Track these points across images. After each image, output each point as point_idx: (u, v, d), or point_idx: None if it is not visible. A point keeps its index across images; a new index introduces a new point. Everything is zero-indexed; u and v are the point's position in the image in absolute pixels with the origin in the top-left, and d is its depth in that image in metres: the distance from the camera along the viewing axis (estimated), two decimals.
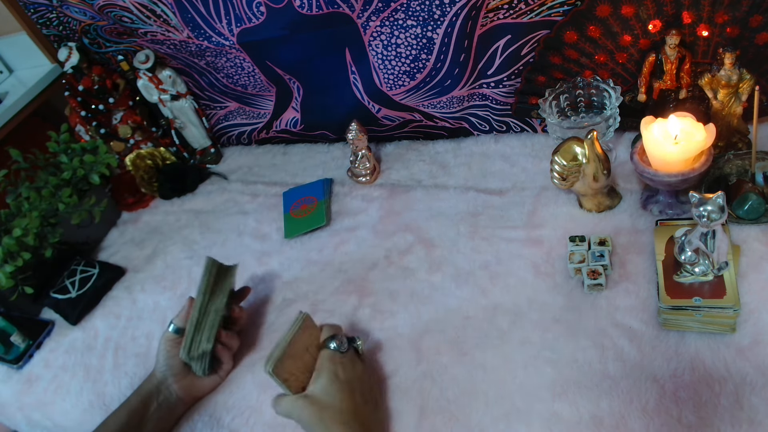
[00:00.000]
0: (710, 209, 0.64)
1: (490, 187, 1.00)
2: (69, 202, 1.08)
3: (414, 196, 1.03)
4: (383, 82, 1.04)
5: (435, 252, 0.92)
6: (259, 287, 0.98)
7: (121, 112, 1.25)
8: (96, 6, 1.09)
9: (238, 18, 1.01)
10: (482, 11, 0.89)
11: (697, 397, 0.64)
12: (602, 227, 0.85)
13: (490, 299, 0.82)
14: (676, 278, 0.70)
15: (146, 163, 1.25)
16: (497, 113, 1.06)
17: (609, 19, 0.85)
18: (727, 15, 0.79)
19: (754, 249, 0.75)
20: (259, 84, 1.16)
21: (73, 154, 1.14)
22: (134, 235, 1.20)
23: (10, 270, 0.99)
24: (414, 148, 1.15)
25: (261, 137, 1.31)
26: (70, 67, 1.20)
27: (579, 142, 0.80)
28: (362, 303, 0.88)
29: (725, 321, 0.67)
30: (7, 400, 0.98)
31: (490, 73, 0.99)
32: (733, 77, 0.79)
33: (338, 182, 1.13)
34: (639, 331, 0.72)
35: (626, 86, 0.93)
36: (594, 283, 0.76)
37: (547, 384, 0.70)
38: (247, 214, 1.14)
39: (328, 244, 1.01)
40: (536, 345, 0.75)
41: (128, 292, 1.07)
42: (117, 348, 0.97)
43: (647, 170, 0.77)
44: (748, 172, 0.80)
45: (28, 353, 1.01)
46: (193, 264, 1.07)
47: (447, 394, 0.73)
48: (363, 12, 0.93)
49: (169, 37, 1.10)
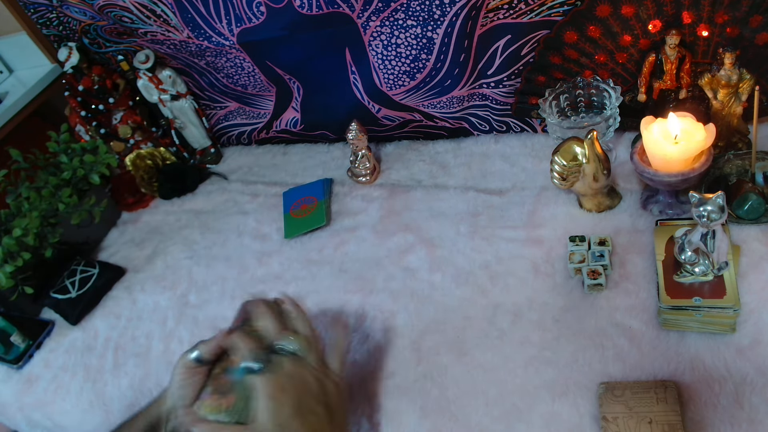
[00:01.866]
0: (710, 209, 0.64)
1: (490, 187, 1.00)
2: (69, 202, 1.08)
3: (414, 196, 1.03)
4: (383, 82, 1.04)
5: (435, 252, 0.92)
6: (259, 287, 0.97)
7: (121, 112, 1.25)
8: (96, 6, 1.09)
9: (238, 18, 1.01)
10: (482, 11, 0.89)
11: (697, 397, 0.64)
12: (602, 227, 0.85)
13: (490, 299, 0.82)
14: (676, 278, 0.70)
15: (146, 163, 1.25)
16: (497, 113, 1.06)
17: (609, 19, 0.85)
18: (727, 15, 0.79)
19: (754, 249, 0.75)
20: (259, 84, 1.16)
21: (73, 154, 1.14)
22: (134, 235, 1.20)
23: (10, 270, 0.99)
24: (414, 148, 1.15)
25: (261, 137, 1.31)
26: (70, 67, 1.20)
27: (579, 142, 0.80)
28: (362, 303, 0.88)
29: (725, 321, 0.67)
30: (7, 400, 0.98)
31: (490, 73, 0.99)
32: (733, 77, 0.79)
33: (338, 182, 1.13)
34: (639, 331, 0.72)
35: (626, 86, 0.93)
36: (594, 283, 0.76)
37: (547, 384, 0.70)
38: (247, 214, 1.13)
39: (328, 244, 1.01)
40: (536, 345, 0.74)
41: (128, 292, 1.07)
42: (117, 348, 0.97)
43: (647, 170, 0.77)
44: (748, 172, 0.80)
45: (28, 353, 1.01)
46: (193, 264, 1.07)
47: (447, 394, 0.73)
48: (363, 12, 0.93)
49: (169, 37, 1.10)
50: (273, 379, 0.59)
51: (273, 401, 0.58)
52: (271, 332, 0.63)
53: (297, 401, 0.59)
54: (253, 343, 0.62)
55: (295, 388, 0.60)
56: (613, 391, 0.65)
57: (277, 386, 0.59)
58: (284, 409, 0.58)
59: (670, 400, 0.62)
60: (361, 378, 0.79)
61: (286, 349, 0.62)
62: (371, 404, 0.76)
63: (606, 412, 0.64)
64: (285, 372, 0.60)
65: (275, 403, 0.58)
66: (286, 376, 0.60)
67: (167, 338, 0.95)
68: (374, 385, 0.77)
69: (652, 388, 0.64)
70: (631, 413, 0.63)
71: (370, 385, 0.77)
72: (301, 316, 0.67)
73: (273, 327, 0.64)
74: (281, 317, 0.66)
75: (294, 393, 0.59)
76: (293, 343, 0.63)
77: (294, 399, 0.59)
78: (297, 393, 0.59)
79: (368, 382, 0.78)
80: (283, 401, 0.58)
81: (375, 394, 0.76)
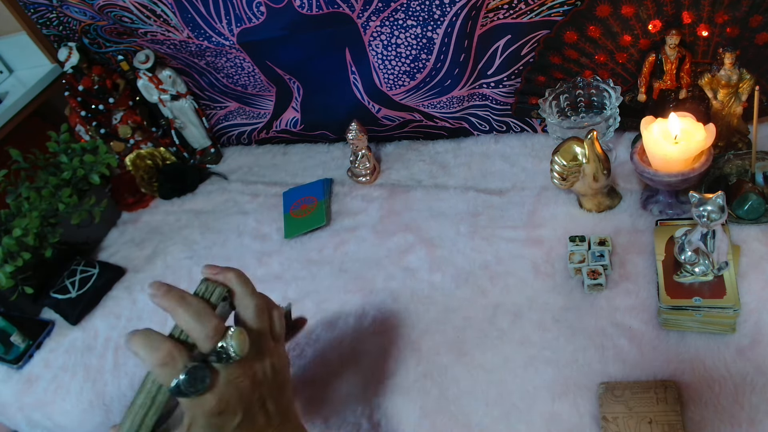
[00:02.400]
0: (710, 209, 0.64)
1: (490, 187, 1.00)
2: (69, 202, 1.08)
3: (414, 196, 1.03)
4: (383, 82, 1.04)
5: (435, 252, 0.92)
6: (258, 287, 0.97)
7: (121, 112, 1.25)
8: (96, 6, 1.09)
9: (238, 18, 1.01)
10: (482, 11, 0.89)
11: (697, 397, 0.64)
12: (602, 227, 0.85)
13: (490, 299, 0.82)
14: (676, 278, 0.70)
15: (146, 163, 1.25)
16: (497, 113, 1.06)
17: (609, 19, 0.85)
18: (727, 15, 0.79)
19: (754, 249, 0.74)
20: (259, 84, 1.16)
21: (73, 154, 1.14)
22: (134, 235, 1.20)
23: (10, 270, 0.99)
24: (414, 148, 1.15)
25: (261, 137, 1.31)
26: (70, 67, 1.20)
27: (579, 142, 0.80)
28: (362, 303, 0.88)
29: (725, 321, 0.67)
30: (7, 400, 0.98)
31: (490, 73, 0.99)
32: (733, 77, 0.79)
33: (338, 182, 1.13)
34: (639, 331, 0.72)
35: (626, 86, 0.93)
36: (594, 283, 0.76)
37: (547, 384, 0.70)
38: (247, 214, 1.13)
39: (328, 244, 1.01)
40: (536, 345, 0.74)
41: (128, 292, 1.07)
42: (117, 348, 0.97)
43: (647, 170, 0.77)
44: (748, 172, 0.80)
45: (28, 353, 1.01)
46: (193, 264, 1.07)
47: (447, 394, 0.73)
48: (363, 12, 0.93)
49: (169, 37, 1.10)
50: (212, 397, 0.48)
51: (216, 418, 0.49)
52: (198, 339, 0.48)
53: (244, 408, 0.51)
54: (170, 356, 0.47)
55: (241, 395, 0.50)
56: (613, 391, 0.65)
57: (218, 402, 0.48)
58: (228, 423, 0.50)
59: (670, 400, 0.62)
60: (361, 378, 0.79)
61: (223, 356, 0.49)
62: (371, 404, 0.76)
63: (606, 412, 0.64)
64: (226, 382, 0.49)
65: (218, 419, 0.49)
66: (228, 386, 0.49)
67: None
68: (374, 385, 0.77)
69: (652, 388, 0.64)
70: (631, 413, 0.63)
71: (370, 385, 0.78)
72: (243, 288, 0.54)
73: (199, 330, 0.48)
74: (203, 312, 0.49)
75: (240, 402, 0.50)
76: (230, 346, 0.49)
77: (241, 407, 0.50)
78: (244, 401, 0.50)
79: (368, 382, 0.78)
80: (227, 415, 0.49)
81: (375, 394, 0.76)
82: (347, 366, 0.80)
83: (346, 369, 0.80)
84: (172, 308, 0.49)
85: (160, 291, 0.49)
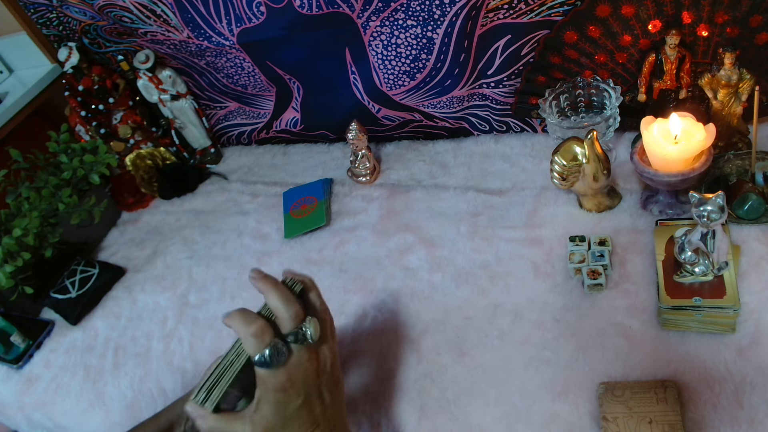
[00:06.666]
0: (710, 209, 0.64)
1: (490, 187, 1.00)
2: (69, 202, 1.08)
3: (414, 196, 1.03)
4: (383, 82, 1.04)
5: (435, 252, 0.92)
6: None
7: (121, 112, 1.25)
8: (96, 6, 1.09)
9: (238, 18, 1.01)
10: (482, 11, 0.89)
11: (697, 397, 0.64)
12: (602, 227, 0.85)
13: (490, 299, 0.82)
14: (676, 278, 0.70)
15: (146, 163, 1.25)
16: (497, 113, 1.06)
17: (609, 19, 0.85)
18: (727, 15, 0.79)
19: (754, 249, 0.75)
20: (259, 84, 1.16)
21: (73, 154, 1.14)
22: (134, 235, 1.20)
23: (10, 270, 0.99)
24: (414, 148, 1.15)
25: (261, 137, 1.31)
26: (70, 67, 1.20)
27: (579, 142, 0.80)
28: (362, 303, 0.88)
29: (725, 321, 0.67)
30: (7, 400, 0.98)
31: (490, 73, 0.99)
32: (733, 77, 0.79)
33: (338, 182, 1.13)
34: (639, 331, 0.72)
35: (626, 86, 0.93)
36: (594, 283, 0.76)
37: (547, 384, 0.70)
38: (247, 214, 1.14)
39: (328, 244, 1.01)
40: (536, 345, 0.74)
41: (128, 292, 1.07)
42: (117, 348, 0.97)
43: (647, 170, 0.77)
44: (748, 172, 0.80)
45: (28, 353, 1.01)
46: (193, 264, 1.07)
47: (447, 394, 0.73)
48: (363, 12, 0.93)
49: (169, 37, 1.10)
50: (283, 373, 0.55)
51: (282, 394, 0.55)
52: (283, 319, 0.56)
53: (306, 392, 0.56)
54: (262, 330, 0.54)
55: (306, 379, 0.56)
56: (613, 391, 0.65)
57: (287, 379, 0.55)
58: (292, 401, 0.55)
59: (670, 400, 0.62)
60: (362, 378, 0.79)
61: (300, 337, 0.56)
62: (371, 404, 0.76)
63: (606, 412, 0.64)
64: (297, 362, 0.56)
65: (284, 395, 0.55)
66: (298, 367, 0.56)
67: (167, 338, 0.95)
68: (374, 385, 0.77)
69: (652, 388, 0.64)
70: (631, 413, 0.63)
71: (370, 385, 0.78)
72: (315, 292, 0.62)
73: (285, 311, 0.56)
74: (290, 298, 0.57)
75: (304, 384, 0.56)
76: (308, 330, 0.56)
77: (304, 390, 0.56)
78: (307, 384, 0.56)
79: (368, 382, 0.78)
80: (291, 394, 0.55)
81: (375, 394, 0.76)
82: (347, 366, 0.80)
83: (346, 369, 0.80)
84: (267, 290, 0.57)
85: (259, 275, 0.58)
